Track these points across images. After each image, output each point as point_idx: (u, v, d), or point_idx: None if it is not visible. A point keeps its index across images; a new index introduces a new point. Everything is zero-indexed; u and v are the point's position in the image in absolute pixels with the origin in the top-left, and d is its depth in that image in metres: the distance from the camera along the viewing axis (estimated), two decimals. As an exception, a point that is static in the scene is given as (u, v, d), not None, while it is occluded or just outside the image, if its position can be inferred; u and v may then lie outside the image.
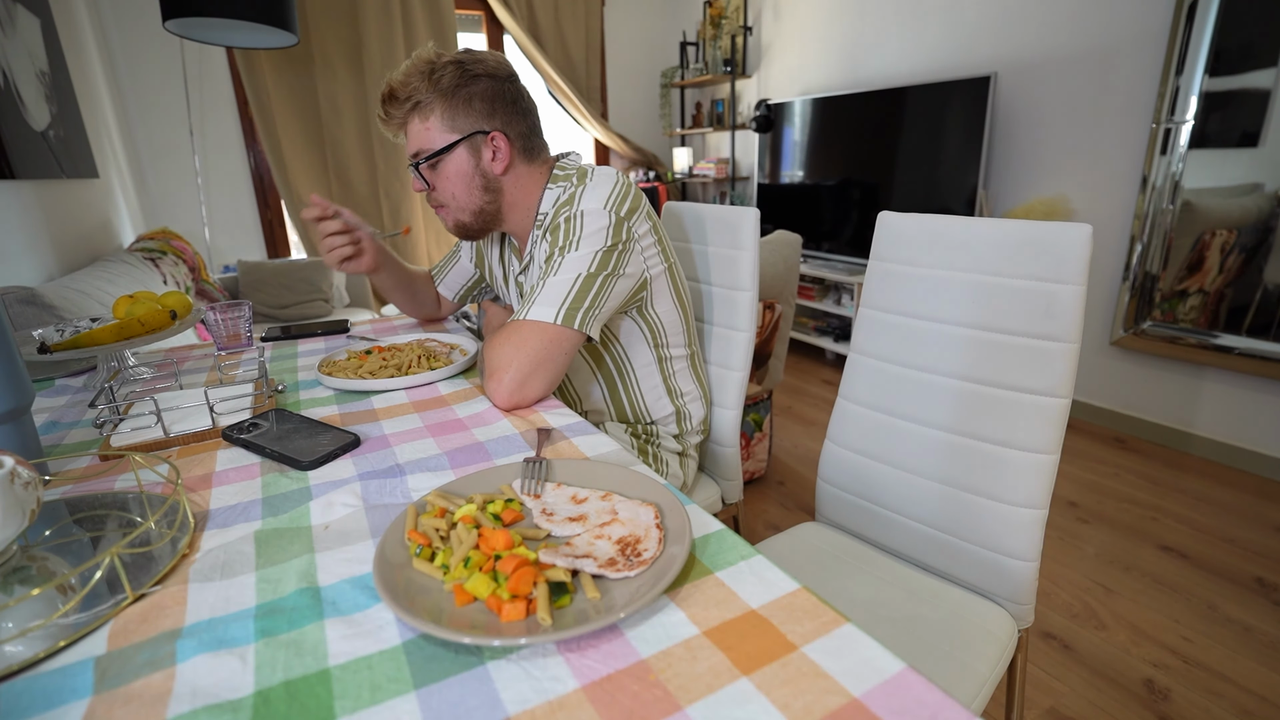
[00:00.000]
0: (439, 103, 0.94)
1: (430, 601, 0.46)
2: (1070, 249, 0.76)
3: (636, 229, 0.95)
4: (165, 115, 2.95)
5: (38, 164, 1.89)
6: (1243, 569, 1.63)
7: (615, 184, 0.95)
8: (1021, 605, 0.84)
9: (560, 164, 1.04)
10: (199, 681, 0.40)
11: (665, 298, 1.02)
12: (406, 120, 0.96)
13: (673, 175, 4.31)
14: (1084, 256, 0.75)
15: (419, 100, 0.94)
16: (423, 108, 0.94)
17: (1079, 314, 0.77)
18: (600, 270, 0.90)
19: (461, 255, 1.29)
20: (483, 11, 3.76)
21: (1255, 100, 1.93)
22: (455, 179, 0.98)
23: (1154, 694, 1.27)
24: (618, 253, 0.92)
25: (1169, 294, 2.21)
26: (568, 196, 0.96)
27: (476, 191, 0.99)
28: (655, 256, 0.99)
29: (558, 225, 0.94)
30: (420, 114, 0.95)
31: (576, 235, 0.91)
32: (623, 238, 0.92)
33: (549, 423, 0.81)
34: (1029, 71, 2.49)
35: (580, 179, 0.98)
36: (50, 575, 0.52)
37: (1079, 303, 0.77)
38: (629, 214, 0.94)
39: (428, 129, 0.95)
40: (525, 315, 0.88)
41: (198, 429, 0.79)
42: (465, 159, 0.97)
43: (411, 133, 0.97)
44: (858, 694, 0.38)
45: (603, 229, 0.91)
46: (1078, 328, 0.77)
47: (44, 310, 1.39)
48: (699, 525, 0.56)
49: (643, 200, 0.98)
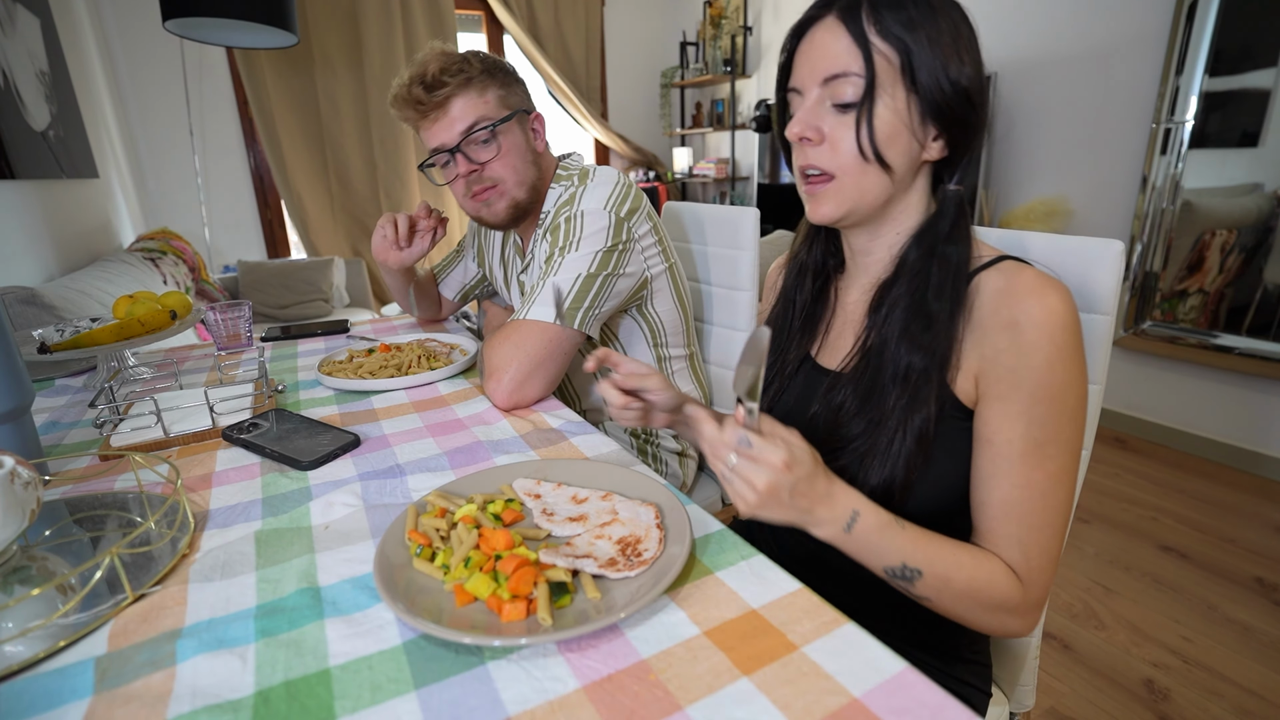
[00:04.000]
0: (491, 79, 0.95)
1: (430, 601, 0.46)
2: (1097, 271, 0.61)
3: (637, 229, 0.95)
4: (165, 115, 2.95)
5: (38, 164, 1.89)
6: (1243, 569, 1.63)
7: (616, 184, 0.95)
8: (1022, 687, 0.76)
9: (563, 164, 1.05)
10: (199, 681, 0.40)
11: (665, 297, 1.02)
12: (457, 95, 0.93)
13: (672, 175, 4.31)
14: (1114, 280, 0.61)
15: (471, 75, 0.93)
16: (477, 82, 0.94)
17: (1105, 350, 0.63)
18: (600, 270, 0.90)
19: (466, 255, 1.28)
20: (483, 11, 3.76)
21: (1255, 100, 1.93)
22: (516, 149, 0.98)
23: (1154, 694, 1.27)
24: (618, 253, 0.92)
25: (1169, 294, 2.21)
26: (568, 196, 0.96)
27: (531, 166, 1.00)
28: (656, 256, 0.99)
29: (558, 225, 0.94)
30: (476, 88, 0.94)
31: (577, 236, 0.91)
32: (623, 238, 0.92)
33: (549, 423, 0.81)
34: (1029, 71, 2.49)
35: (581, 179, 0.98)
36: (50, 575, 0.52)
37: (1105, 337, 0.62)
38: (629, 214, 0.94)
39: (486, 101, 0.95)
40: (525, 315, 0.88)
41: (198, 429, 0.79)
42: (520, 132, 0.98)
43: (464, 108, 0.94)
44: (858, 694, 0.38)
45: (603, 229, 0.91)
46: (1103, 366, 0.63)
47: (44, 310, 1.39)
48: (699, 525, 0.56)
49: (643, 200, 0.98)
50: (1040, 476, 0.54)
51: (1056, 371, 0.52)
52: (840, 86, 0.55)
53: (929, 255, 0.58)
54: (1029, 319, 0.53)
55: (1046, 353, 0.52)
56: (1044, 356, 0.52)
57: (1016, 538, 0.55)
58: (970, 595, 0.54)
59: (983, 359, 0.55)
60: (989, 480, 0.56)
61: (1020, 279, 0.55)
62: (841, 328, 0.68)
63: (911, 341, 0.57)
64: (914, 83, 0.54)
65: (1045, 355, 0.52)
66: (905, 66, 0.54)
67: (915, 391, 0.56)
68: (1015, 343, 0.53)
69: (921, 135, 0.57)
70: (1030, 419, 0.53)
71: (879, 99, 0.55)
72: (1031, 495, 0.54)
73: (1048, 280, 0.54)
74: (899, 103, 0.55)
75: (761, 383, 0.47)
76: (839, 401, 0.62)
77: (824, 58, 0.56)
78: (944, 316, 0.56)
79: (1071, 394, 0.53)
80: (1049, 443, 0.53)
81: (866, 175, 0.57)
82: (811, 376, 0.68)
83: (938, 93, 0.54)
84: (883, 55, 0.54)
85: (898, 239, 0.62)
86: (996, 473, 0.55)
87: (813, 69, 0.57)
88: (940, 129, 0.57)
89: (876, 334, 0.61)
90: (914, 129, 0.56)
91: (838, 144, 0.57)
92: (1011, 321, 0.53)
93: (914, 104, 0.55)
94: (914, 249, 0.60)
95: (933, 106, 0.55)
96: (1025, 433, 0.53)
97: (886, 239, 0.63)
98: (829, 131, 0.57)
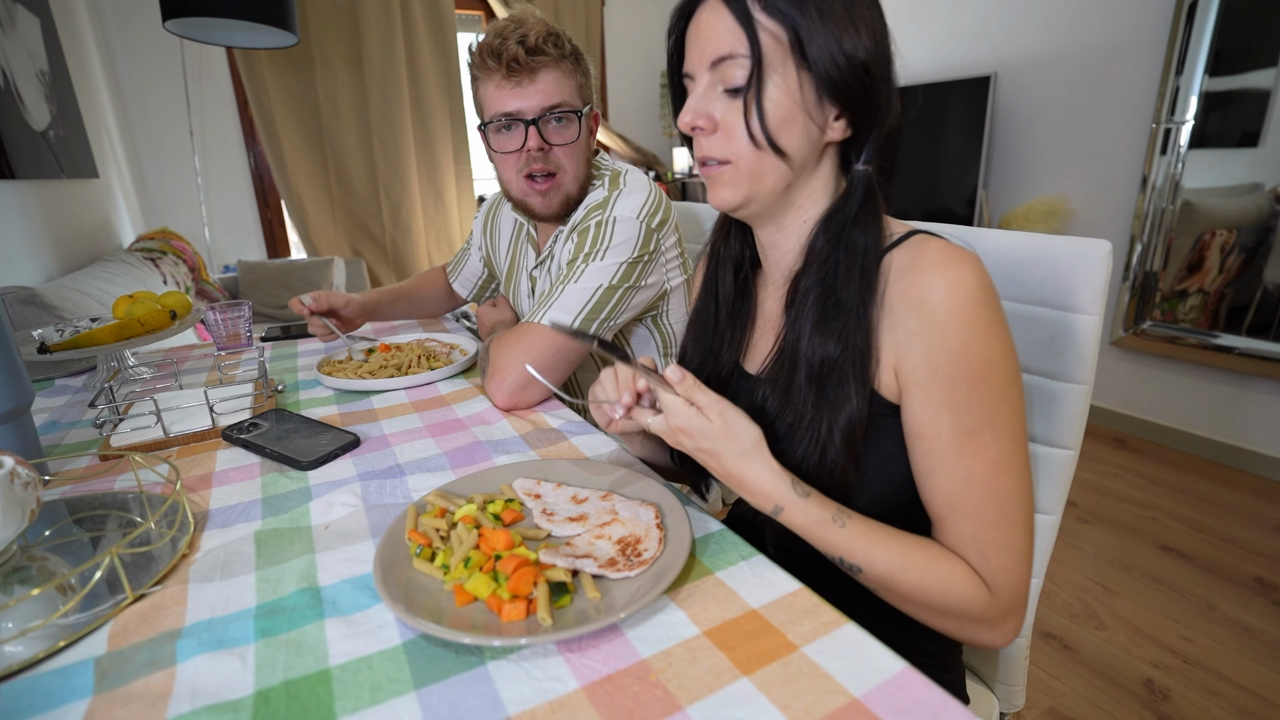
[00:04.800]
0: (578, 66, 0.93)
1: (430, 601, 0.46)
2: (1084, 270, 0.61)
3: (664, 241, 0.94)
4: (165, 115, 2.95)
5: (37, 164, 1.89)
6: (1243, 569, 1.63)
7: (649, 193, 0.94)
8: (1011, 686, 0.74)
9: (594, 161, 1.02)
10: (199, 682, 0.40)
11: (680, 309, 1.02)
12: (554, 67, 0.90)
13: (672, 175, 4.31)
14: (1101, 280, 0.60)
15: (566, 54, 0.91)
16: (569, 63, 0.91)
17: (1092, 350, 0.62)
18: (622, 282, 0.89)
19: (471, 254, 1.28)
20: (483, 11, 3.76)
21: (1255, 100, 1.93)
22: (581, 143, 0.95)
23: (1154, 694, 1.27)
24: (642, 264, 0.91)
25: (1169, 294, 2.21)
26: (600, 200, 0.94)
27: (586, 163, 0.98)
28: (676, 269, 0.98)
29: (587, 228, 0.92)
30: (568, 68, 0.91)
31: (605, 244, 0.89)
32: (650, 249, 0.91)
33: (549, 423, 0.81)
34: (1029, 71, 2.49)
35: (614, 183, 0.97)
36: (50, 575, 0.52)
37: (1093, 336, 0.62)
38: (659, 226, 0.93)
39: (573, 86, 0.92)
40: (539, 319, 0.87)
41: (198, 429, 0.79)
42: (585, 128, 0.96)
43: (554, 82, 0.90)
44: (858, 694, 0.38)
45: (631, 239, 0.90)
46: (1090, 366, 0.62)
47: (44, 310, 1.39)
48: (699, 525, 0.56)
49: (673, 212, 0.97)
50: (980, 467, 0.50)
51: (973, 349, 0.49)
52: (728, 70, 0.52)
53: (836, 241, 0.55)
54: (936, 296, 0.49)
55: (959, 331, 0.48)
56: (957, 336, 0.48)
57: (970, 536, 0.51)
58: (922, 601, 0.51)
59: (898, 346, 0.52)
60: (928, 477, 0.52)
61: (924, 254, 0.51)
62: (763, 329, 0.65)
63: (824, 334, 0.53)
64: (805, 59, 0.51)
65: (959, 334, 0.48)
66: (794, 43, 0.50)
67: (835, 388, 0.53)
68: (925, 324, 0.50)
69: (819, 116, 0.53)
70: (955, 405, 0.49)
71: (768, 80, 0.51)
72: (974, 489, 0.50)
73: (953, 251, 0.50)
74: (790, 82, 0.51)
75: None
76: (758, 404, 0.59)
77: (709, 40, 0.53)
78: (854, 304, 0.52)
79: (995, 372, 0.49)
80: (982, 428, 0.49)
81: (762, 161, 0.54)
82: (739, 385, 0.66)
83: (832, 69, 0.50)
84: (769, 33, 0.51)
85: (804, 227, 0.59)
86: (934, 468, 0.51)
87: (700, 52, 0.54)
88: (841, 107, 0.53)
89: (790, 330, 0.57)
90: (810, 110, 0.52)
91: (731, 130, 0.54)
92: (919, 301, 0.50)
93: (807, 82, 0.52)
94: (821, 236, 0.56)
95: (829, 84, 0.51)
96: (953, 421, 0.50)
97: (794, 229, 0.59)
98: (720, 118, 0.54)
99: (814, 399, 0.54)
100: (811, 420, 0.54)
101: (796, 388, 0.56)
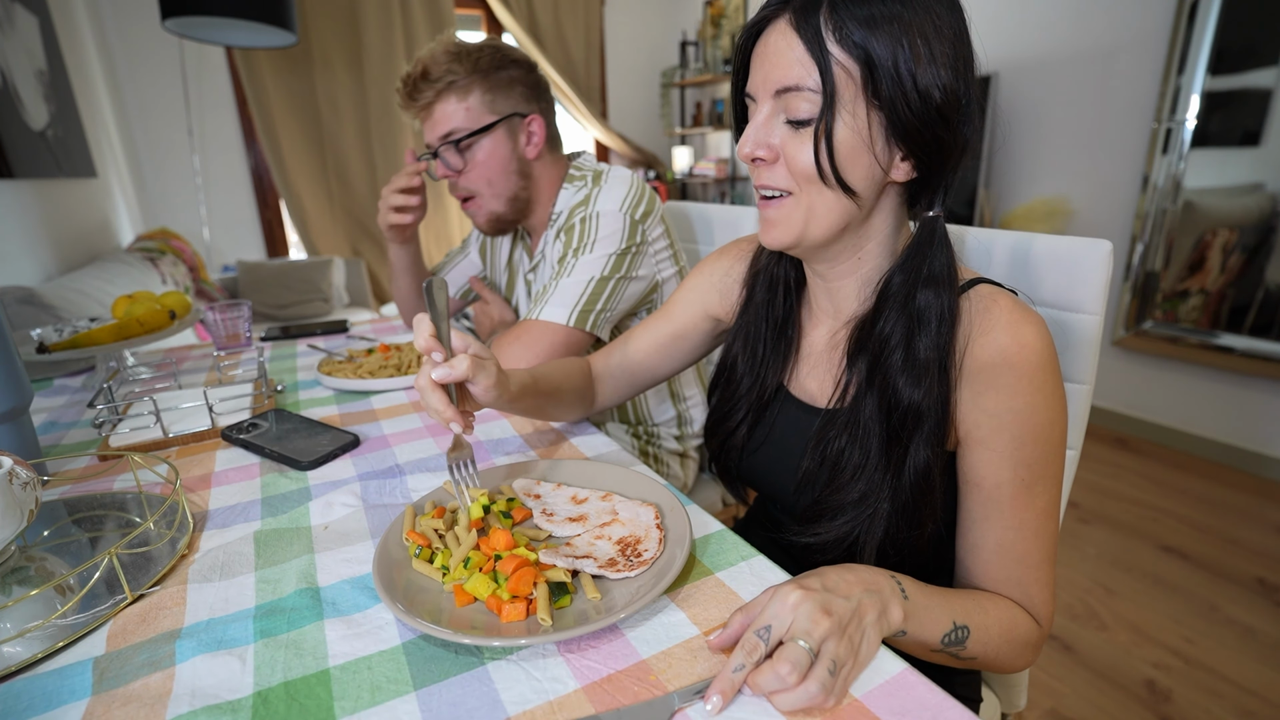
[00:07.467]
0: (479, 82, 0.93)
1: (430, 602, 0.46)
2: (1085, 270, 0.60)
3: (650, 232, 0.95)
4: (164, 115, 2.95)
5: (36, 163, 1.89)
6: (1244, 569, 1.63)
7: (631, 186, 0.95)
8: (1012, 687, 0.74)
9: (575, 163, 1.04)
10: (198, 682, 0.40)
11: None
12: (437, 100, 0.93)
13: (672, 175, 4.31)
14: (1102, 280, 0.60)
15: (455, 79, 0.92)
16: (459, 87, 0.92)
17: (1094, 350, 0.62)
18: (614, 273, 0.90)
19: (471, 251, 1.28)
20: (482, 11, 3.76)
21: (1256, 99, 1.93)
22: (492, 161, 0.96)
23: (1155, 695, 1.27)
24: (631, 255, 0.92)
25: (1170, 294, 2.21)
26: (583, 197, 0.95)
27: (513, 176, 0.98)
28: (667, 260, 0.99)
29: (572, 226, 0.93)
30: (457, 93, 0.92)
31: (591, 237, 0.91)
32: (636, 240, 0.92)
33: (549, 423, 0.81)
34: (1029, 71, 2.49)
35: (595, 180, 0.97)
36: (49, 575, 0.52)
37: (1094, 336, 0.62)
38: (643, 217, 0.94)
39: (466, 108, 0.93)
40: (537, 316, 0.88)
41: (197, 429, 0.78)
42: (503, 141, 0.96)
43: (443, 113, 0.93)
44: (858, 694, 0.38)
45: (617, 231, 0.91)
46: (1091, 366, 0.63)
47: (43, 310, 1.39)
48: (699, 525, 0.56)
49: (657, 203, 0.97)
50: (1031, 516, 0.52)
51: (1039, 413, 0.50)
52: (794, 101, 0.49)
53: (912, 292, 0.53)
54: (1006, 360, 0.50)
55: (1028, 396, 0.50)
56: (1025, 401, 0.50)
57: (1017, 579, 0.53)
58: (1007, 639, 0.51)
59: (963, 401, 0.52)
60: (981, 524, 0.54)
61: (994, 314, 0.51)
62: (811, 358, 0.64)
63: (907, 384, 0.52)
64: (876, 97, 0.48)
65: (1027, 399, 0.50)
66: (866, 80, 0.48)
67: (910, 437, 0.53)
68: (992, 384, 0.50)
69: (885, 157, 0.51)
70: (1017, 461, 0.51)
71: (837, 117, 0.49)
72: (1025, 536, 0.52)
73: (1021, 313, 0.50)
74: (859, 121, 0.49)
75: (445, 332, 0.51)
76: (824, 439, 0.58)
77: (776, 67, 0.50)
78: (934, 359, 0.52)
79: (1055, 431, 0.51)
80: (1037, 481, 0.52)
81: (824, 195, 0.52)
82: (787, 409, 0.64)
83: (904, 111, 0.48)
84: (842, 67, 0.47)
85: (860, 265, 0.57)
86: (988, 515, 0.53)
87: (765, 77, 0.51)
88: (907, 150, 0.50)
89: (863, 378, 0.56)
90: (876, 150, 0.50)
91: (793, 161, 0.51)
92: (988, 363, 0.50)
93: (876, 122, 0.49)
94: (900, 285, 0.54)
95: (898, 127, 0.49)
96: (1013, 476, 0.51)
97: (848, 265, 0.58)
98: (781, 147, 0.52)
99: (887, 444, 0.54)
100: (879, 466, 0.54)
101: (869, 429, 0.55)
